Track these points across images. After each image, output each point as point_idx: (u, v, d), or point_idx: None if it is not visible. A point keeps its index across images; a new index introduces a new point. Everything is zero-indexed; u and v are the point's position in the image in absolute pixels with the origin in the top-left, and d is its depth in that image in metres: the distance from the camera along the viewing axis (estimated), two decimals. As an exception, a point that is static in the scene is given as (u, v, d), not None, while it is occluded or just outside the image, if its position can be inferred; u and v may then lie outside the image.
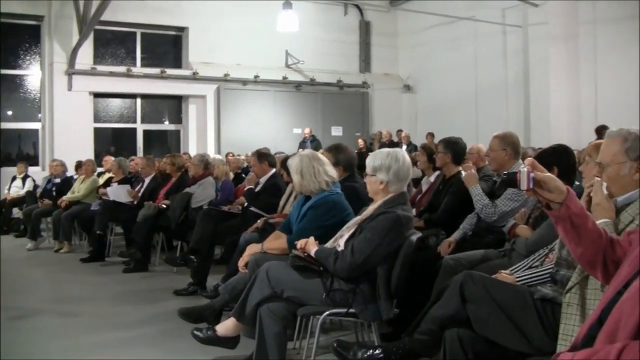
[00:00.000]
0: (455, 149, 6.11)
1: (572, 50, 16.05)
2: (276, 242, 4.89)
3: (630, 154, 2.87)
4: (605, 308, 2.02)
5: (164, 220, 8.57)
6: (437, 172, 6.66)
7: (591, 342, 1.98)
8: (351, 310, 4.05)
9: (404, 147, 17.36)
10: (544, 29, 16.08)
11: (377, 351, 3.58)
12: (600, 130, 14.20)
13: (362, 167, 4.67)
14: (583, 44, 15.94)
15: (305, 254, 4.21)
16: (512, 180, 2.27)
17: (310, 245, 4.23)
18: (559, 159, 4.41)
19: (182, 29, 19.25)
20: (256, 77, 19.44)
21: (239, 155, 14.42)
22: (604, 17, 15.24)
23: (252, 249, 4.91)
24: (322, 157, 5.03)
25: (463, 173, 6.03)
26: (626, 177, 2.89)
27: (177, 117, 19.86)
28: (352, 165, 5.85)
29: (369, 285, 4.09)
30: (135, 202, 9.58)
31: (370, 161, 4.27)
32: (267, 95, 19.85)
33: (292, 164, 4.95)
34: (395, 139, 19.13)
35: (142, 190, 9.83)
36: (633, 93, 13.86)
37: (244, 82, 19.36)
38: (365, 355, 3.57)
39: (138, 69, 18.49)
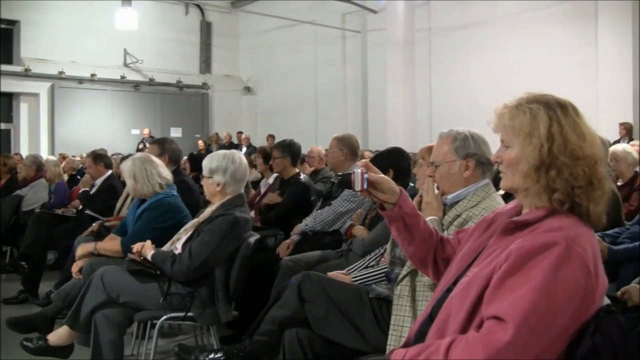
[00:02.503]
0: (293, 151, 6.17)
1: (409, 56, 16.64)
2: (110, 243, 4.78)
3: (459, 152, 3.05)
4: (436, 305, 2.08)
5: (-8, 224, 8.14)
6: (276, 174, 6.69)
7: (423, 338, 2.03)
8: (189, 314, 4.00)
9: (244, 149, 17.42)
10: (382, 35, 16.56)
11: (218, 354, 3.55)
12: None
13: (200, 169, 4.63)
14: (418, 50, 16.53)
15: (142, 258, 4.11)
16: (347, 181, 2.29)
17: (147, 249, 4.13)
18: (394, 161, 4.53)
19: (13, 22, 18.42)
20: (93, 75, 18.95)
21: (73, 156, 13.93)
22: (438, 25, 15.87)
23: (85, 248, 4.78)
24: (155, 159, 4.97)
25: (302, 175, 6.11)
26: (456, 174, 3.06)
27: (8, 115, 19.02)
28: (177, 156, 6.14)
29: (207, 288, 4.05)
30: (-41, 206, 9.04)
31: (207, 163, 4.23)
32: (105, 94, 19.40)
33: (125, 167, 4.88)
34: (235, 141, 19.14)
35: (-33, 193, 9.28)
36: (465, 97, 14.51)
37: (80, 80, 18.85)
38: (207, 359, 3.54)
39: (-37, 63, 17.52)
